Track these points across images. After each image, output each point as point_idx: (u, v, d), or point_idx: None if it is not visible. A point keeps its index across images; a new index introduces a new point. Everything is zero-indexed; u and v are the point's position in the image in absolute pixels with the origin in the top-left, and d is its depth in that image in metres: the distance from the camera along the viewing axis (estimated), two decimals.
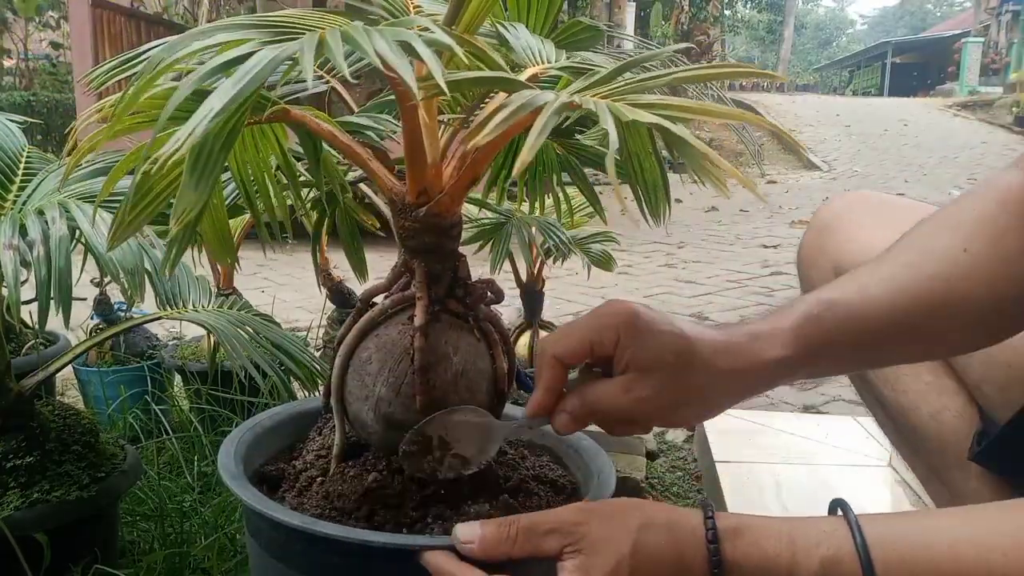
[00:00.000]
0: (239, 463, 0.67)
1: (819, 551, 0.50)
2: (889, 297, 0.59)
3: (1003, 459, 0.72)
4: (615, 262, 1.48)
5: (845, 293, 0.59)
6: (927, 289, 0.59)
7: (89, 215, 0.78)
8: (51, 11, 8.02)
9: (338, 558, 0.59)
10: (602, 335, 0.57)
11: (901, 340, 0.60)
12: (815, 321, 0.57)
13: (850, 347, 0.59)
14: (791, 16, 27.20)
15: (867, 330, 0.58)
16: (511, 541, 0.53)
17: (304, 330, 1.88)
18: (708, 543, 0.51)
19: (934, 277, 0.59)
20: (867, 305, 0.58)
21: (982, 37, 20.35)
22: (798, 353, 0.57)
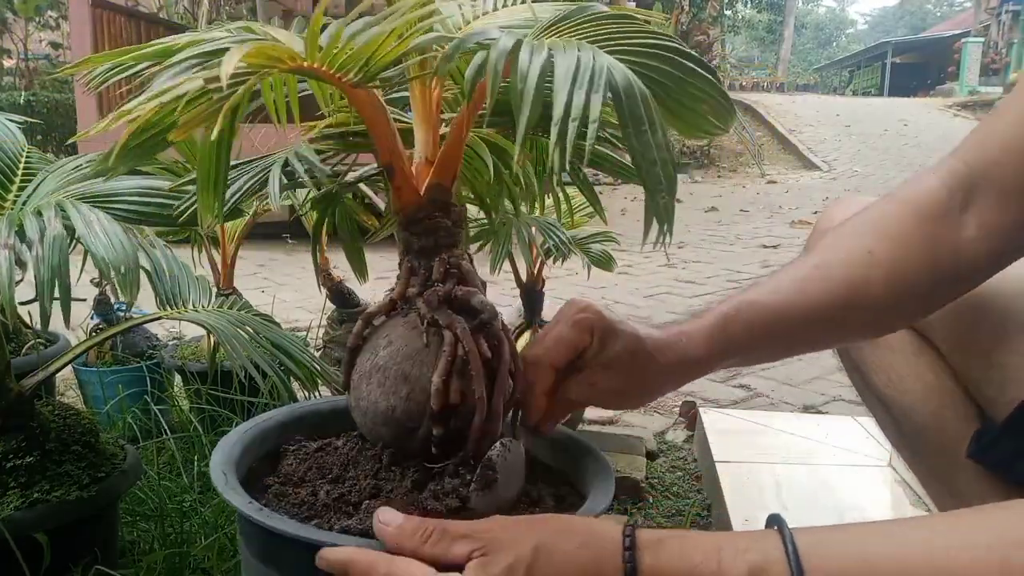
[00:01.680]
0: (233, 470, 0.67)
1: (746, 556, 0.49)
2: (798, 298, 0.67)
3: (1001, 458, 0.72)
4: (615, 262, 1.48)
5: (761, 294, 0.68)
6: (832, 289, 0.67)
7: (84, 215, 0.78)
8: (51, 11, 8.01)
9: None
10: (583, 337, 0.66)
11: (812, 332, 0.70)
12: (732, 322, 0.67)
13: (766, 343, 0.68)
14: (791, 16, 27.19)
15: (780, 329, 0.67)
16: (424, 537, 0.53)
17: (304, 330, 1.88)
18: (624, 550, 0.50)
19: (841, 279, 0.67)
20: (781, 306, 0.67)
21: (982, 37, 20.35)
22: (710, 351, 0.67)
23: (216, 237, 1.47)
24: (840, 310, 0.67)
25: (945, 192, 0.68)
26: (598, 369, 0.67)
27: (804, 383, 2.11)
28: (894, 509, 1.22)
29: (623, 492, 1.34)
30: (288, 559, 0.61)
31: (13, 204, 0.93)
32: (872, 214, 0.71)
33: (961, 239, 0.67)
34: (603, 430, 1.59)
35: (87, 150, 1.08)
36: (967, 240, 0.67)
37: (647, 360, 0.66)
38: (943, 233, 0.67)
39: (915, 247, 0.67)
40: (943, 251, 0.67)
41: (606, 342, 0.66)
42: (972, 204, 0.67)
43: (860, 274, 0.67)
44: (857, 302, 0.67)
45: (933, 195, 0.68)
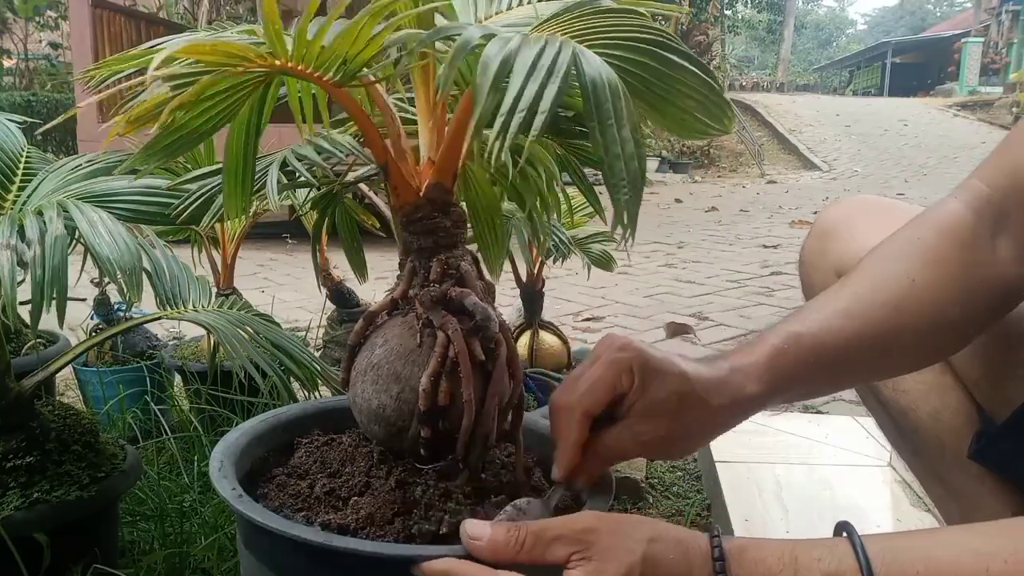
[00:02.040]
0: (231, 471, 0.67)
1: (820, 565, 0.51)
2: (848, 330, 0.64)
3: (1001, 457, 0.72)
4: (615, 262, 1.48)
5: (809, 326, 0.64)
6: (880, 319, 0.64)
7: (88, 215, 0.78)
8: (50, 11, 8.01)
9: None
10: (621, 380, 0.59)
11: (858, 367, 0.67)
12: (784, 356, 0.62)
13: (815, 377, 0.65)
14: (791, 16, 27.18)
15: (829, 361, 0.64)
16: (519, 545, 0.52)
17: (304, 330, 1.88)
18: (714, 560, 0.52)
19: (886, 306, 0.64)
20: (828, 337, 0.64)
21: (982, 37, 20.34)
22: (770, 388, 0.62)
23: (216, 237, 1.47)
24: (885, 341, 0.65)
25: (973, 216, 0.66)
26: (641, 416, 0.60)
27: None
28: (894, 509, 1.22)
29: (623, 492, 1.34)
30: (263, 546, 0.62)
31: (13, 204, 0.93)
32: (905, 239, 0.68)
33: (994, 265, 0.65)
34: None
35: (87, 150, 1.08)
36: (1000, 266, 0.65)
37: (697, 403, 0.60)
38: (978, 259, 0.65)
39: (953, 274, 0.65)
40: (979, 278, 0.65)
41: (648, 385, 0.59)
42: (1001, 230, 0.65)
43: (904, 303, 0.64)
44: (902, 332, 0.64)
45: (962, 220, 0.66)
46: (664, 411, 0.60)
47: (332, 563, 0.57)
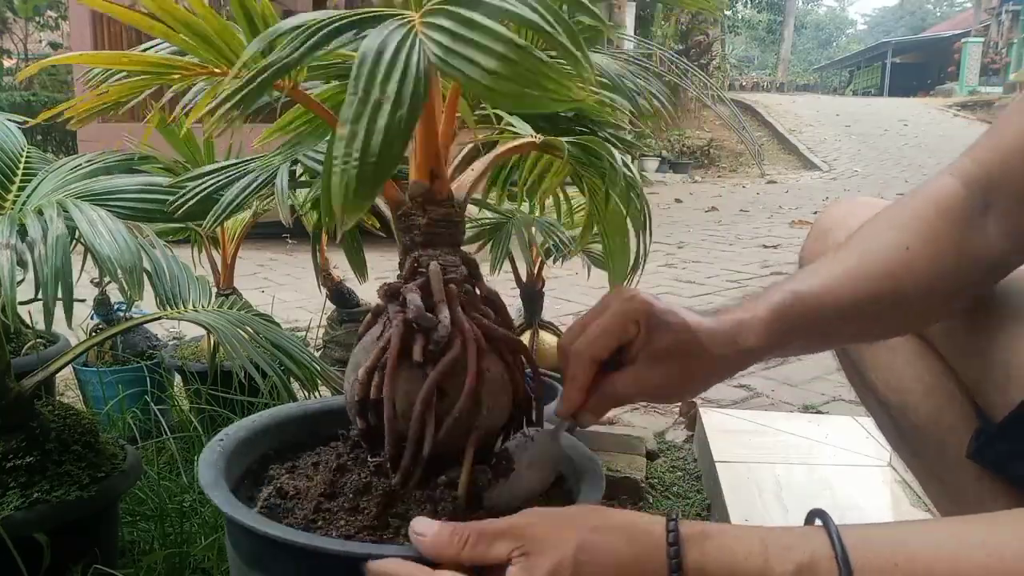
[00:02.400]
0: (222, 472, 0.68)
1: (793, 555, 0.49)
2: (846, 291, 0.66)
3: (999, 457, 0.72)
4: None
5: (811, 287, 0.67)
6: (877, 284, 0.67)
7: (88, 214, 0.78)
8: (50, 11, 8.01)
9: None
10: (628, 329, 0.62)
11: (852, 327, 0.70)
12: (785, 311, 0.65)
13: (811, 334, 0.68)
14: (791, 16, 27.18)
15: (826, 320, 0.66)
16: (462, 542, 0.52)
17: (304, 330, 1.88)
18: (669, 545, 0.50)
19: (883, 272, 0.67)
20: (828, 298, 0.66)
21: (982, 37, 20.34)
22: (769, 342, 0.64)
23: (216, 237, 1.47)
24: (879, 304, 0.67)
25: (965, 192, 0.68)
26: (646, 362, 0.63)
27: (804, 383, 2.11)
28: (894, 509, 1.22)
29: (623, 492, 1.34)
30: (232, 531, 0.66)
31: (13, 204, 0.93)
32: (898, 212, 0.71)
33: (983, 240, 0.67)
34: (603, 430, 1.59)
35: (87, 150, 1.08)
36: (988, 242, 0.67)
37: (699, 352, 0.63)
38: (968, 234, 0.67)
39: (945, 246, 0.67)
40: (969, 252, 0.67)
41: (654, 333, 0.63)
42: (990, 207, 0.67)
43: (898, 269, 0.67)
44: (895, 297, 0.67)
45: (955, 195, 0.68)
46: (667, 358, 0.63)
47: (283, 556, 0.58)
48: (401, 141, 0.44)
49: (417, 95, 0.44)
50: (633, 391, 0.65)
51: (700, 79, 10.32)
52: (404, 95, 0.44)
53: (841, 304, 0.66)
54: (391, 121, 0.43)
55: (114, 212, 0.82)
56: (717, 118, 11.61)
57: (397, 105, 0.43)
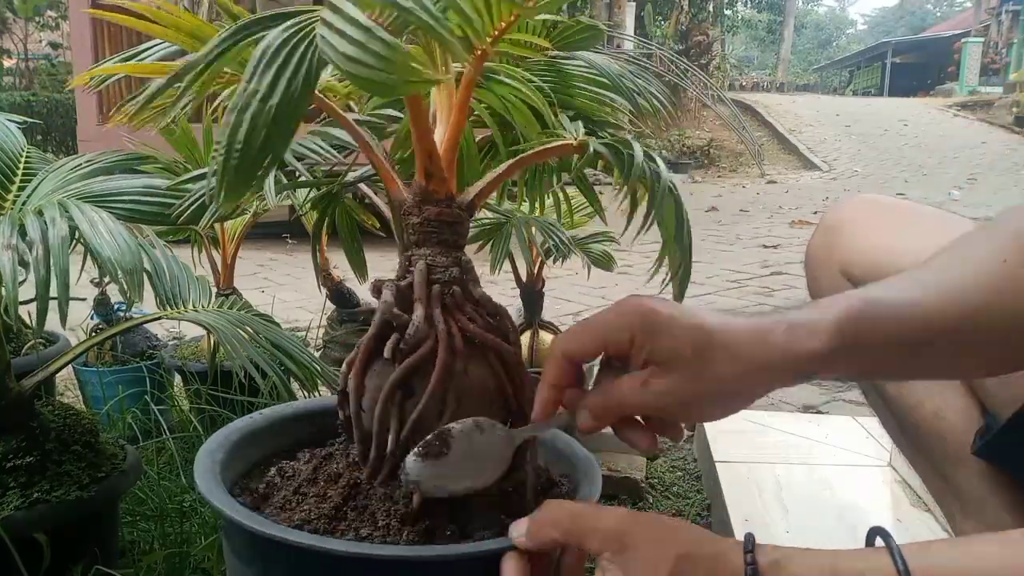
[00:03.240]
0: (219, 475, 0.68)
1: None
2: (931, 300, 0.56)
3: (1005, 455, 0.72)
4: (615, 262, 1.48)
5: (888, 292, 0.57)
6: (967, 296, 0.56)
7: (88, 215, 0.78)
8: (50, 11, 8.02)
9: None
10: (615, 334, 0.55)
11: (938, 346, 0.57)
12: (857, 316, 0.54)
13: (889, 348, 0.56)
14: (791, 16, 27.19)
15: (907, 331, 0.55)
16: (554, 525, 0.54)
17: (304, 330, 1.88)
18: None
19: (974, 285, 0.57)
20: (909, 306, 0.56)
21: (982, 37, 20.34)
22: (837, 348, 0.53)
23: (216, 237, 1.47)
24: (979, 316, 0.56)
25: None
26: (653, 369, 0.55)
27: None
28: (894, 509, 1.22)
29: (623, 492, 1.34)
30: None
31: (13, 204, 0.93)
32: (992, 226, 0.62)
33: None
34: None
35: (87, 150, 1.07)
36: None
37: (726, 357, 0.53)
38: None
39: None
40: None
41: (655, 336, 0.54)
42: None
43: (997, 281, 0.57)
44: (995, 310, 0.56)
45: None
46: (676, 362, 0.54)
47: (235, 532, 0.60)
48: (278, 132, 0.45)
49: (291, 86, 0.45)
50: (641, 398, 0.56)
51: (700, 79, 10.31)
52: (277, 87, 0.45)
53: (924, 314, 0.55)
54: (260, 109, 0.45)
55: (114, 213, 0.82)
56: (717, 118, 11.61)
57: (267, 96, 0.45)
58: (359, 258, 0.90)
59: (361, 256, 0.90)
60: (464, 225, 0.66)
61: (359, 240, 0.90)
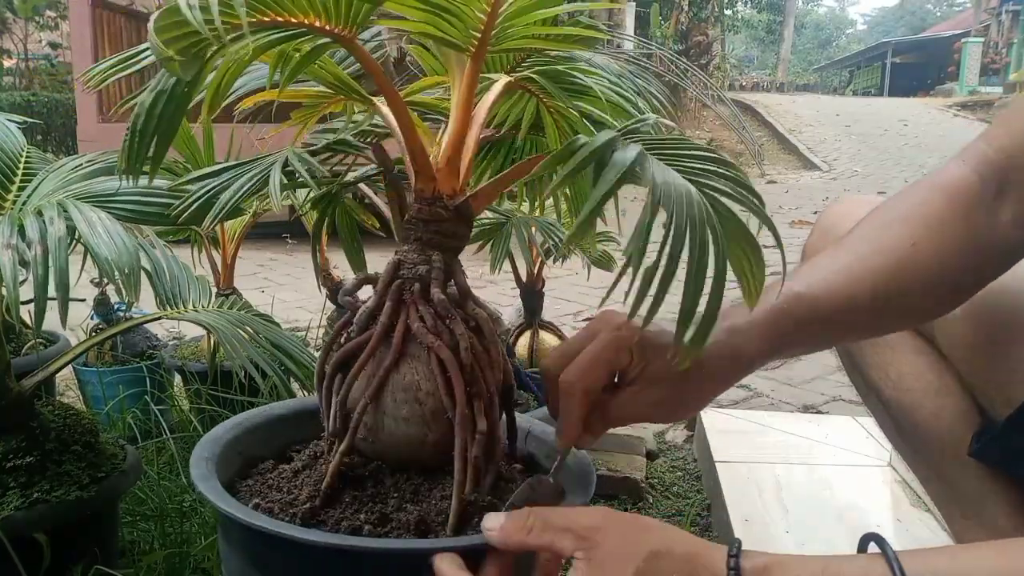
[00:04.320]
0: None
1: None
2: (847, 290, 0.65)
3: (1003, 456, 0.72)
4: (615, 262, 1.48)
5: (810, 286, 0.65)
6: (880, 280, 0.65)
7: (87, 215, 0.78)
8: (50, 11, 8.01)
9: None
10: (620, 358, 0.61)
11: (855, 326, 0.69)
12: (784, 315, 0.63)
13: (814, 335, 0.66)
14: (791, 16, 27.18)
15: (827, 320, 0.65)
16: (528, 530, 0.53)
17: (304, 330, 1.88)
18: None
19: (886, 268, 0.66)
20: (828, 297, 0.64)
21: (982, 37, 20.33)
22: (770, 347, 0.63)
23: (216, 237, 1.47)
24: (883, 301, 0.66)
25: (977, 179, 0.67)
26: (643, 384, 0.62)
27: (804, 383, 2.11)
28: (894, 509, 1.22)
29: (623, 492, 1.34)
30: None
31: (13, 204, 0.93)
32: (908, 202, 0.69)
33: (997, 228, 0.66)
34: None
35: (87, 150, 1.07)
36: (1002, 228, 0.66)
37: (695, 368, 0.59)
38: (980, 222, 0.66)
39: (953, 237, 0.66)
40: (978, 240, 0.66)
41: (648, 359, 0.61)
42: (1005, 192, 0.66)
43: (903, 265, 0.65)
44: (900, 293, 0.66)
45: (966, 183, 0.67)
46: (664, 379, 0.61)
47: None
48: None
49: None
50: (630, 413, 0.63)
51: (700, 79, 10.31)
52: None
53: (842, 304, 0.65)
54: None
55: (114, 213, 0.82)
56: (717, 118, 11.60)
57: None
58: (359, 258, 0.90)
59: (361, 256, 0.90)
60: (446, 225, 0.66)
61: (359, 240, 0.90)
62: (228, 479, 0.70)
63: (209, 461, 0.68)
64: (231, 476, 0.71)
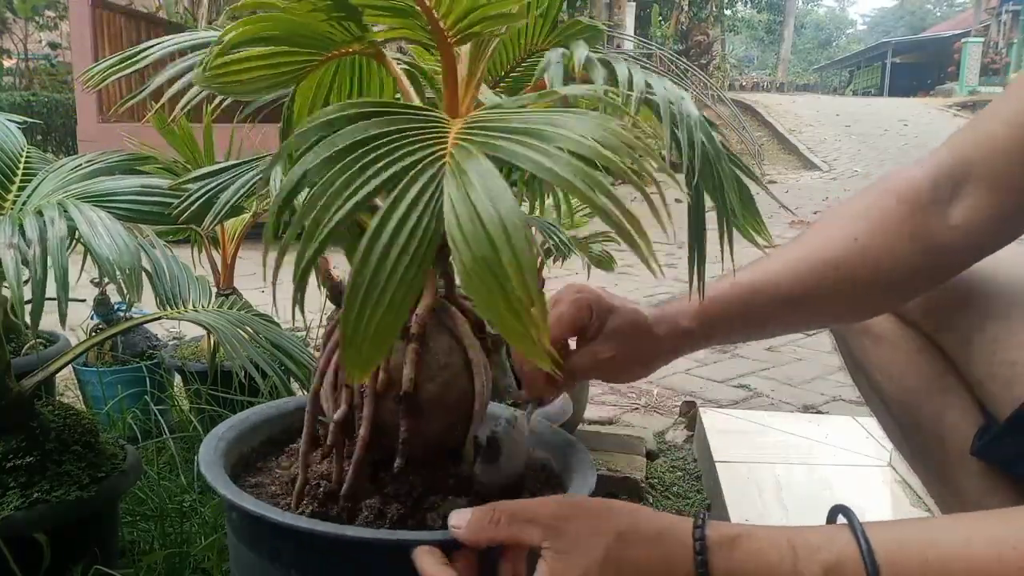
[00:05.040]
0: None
1: (820, 556, 0.49)
2: (786, 281, 0.69)
3: (1004, 455, 0.72)
4: (615, 262, 1.48)
5: (752, 275, 0.71)
6: (818, 273, 0.69)
7: (87, 215, 0.78)
8: (49, 11, 8.02)
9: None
10: (583, 313, 0.70)
11: (790, 315, 0.72)
12: (719, 297, 0.70)
13: (748, 320, 0.71)
14: (791, 16, 27.18)
15: (762, 307, 0.70)
16: (494, 524, 0.53)
17: (304, 330, 1.88)
18: (696, 554, 0.50)
19: (825, 263, 0.69)
20: (766, 286, 0.70)
21: (982, 37, 20.33)
22: (702, 324, 0.70)
23: (216, 237, 1.47)
24: (819, 294, 0.70)
25: (929, 183, 0.69)
26: (600, 342, 0.70)
27: (804, 383, 2.11)
28: (894, 509, 1.22)
29: (623, 492, 1.34)
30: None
31: (13, 204, 0.93)
32: (857, 203, 0.73)
33: (944, 229, 0.68)
34: (603, 430, 1.59)
35: (87, 150, 1.08)
36: (950, 231, 0.68)
37: (646, 332, 0.70)
38: (926, 223, 0.68)
39: (899, 236, 0.68)
40: (926, 241, 0.68)
41: (605, 317, 0.70)
42: (958, 196, 0.68)
43: (844, 259, 0.69)
44: (840, 287, 0.69)
45: (917, 185, 0.69)
46: (618, 337, 0.69)
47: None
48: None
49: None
50: (589, 366, 0.70)
51: (700, 79, 10.30)
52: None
53: (779, 293, 0.69)
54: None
55: (114, 213, 0.82)
56: (717, 118, 11.59)
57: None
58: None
59: None
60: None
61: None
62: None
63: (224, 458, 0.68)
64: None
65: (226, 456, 0.70)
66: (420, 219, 0.44)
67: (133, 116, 3.78)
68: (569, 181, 0.42)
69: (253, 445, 0.76)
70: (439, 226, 0.43)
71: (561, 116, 0.46)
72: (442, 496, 0.62)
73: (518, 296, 0.40)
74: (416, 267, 0.43)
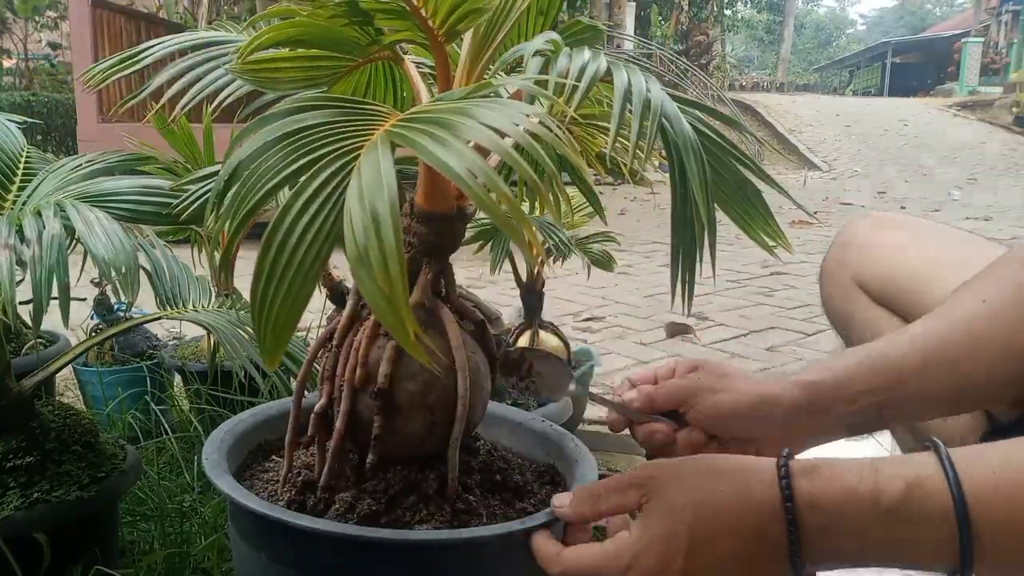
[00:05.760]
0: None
1: (901, 472, 0.50)
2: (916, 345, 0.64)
3: None
4: (615, 262, 1.48)
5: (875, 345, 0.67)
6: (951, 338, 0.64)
7: (84, 214, 0.78)
8: (50, 11, 8.02)
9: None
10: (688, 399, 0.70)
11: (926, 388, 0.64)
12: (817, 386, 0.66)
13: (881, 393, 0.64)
14: (791, 16, 27.18)
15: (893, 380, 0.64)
16: (595, 498, 0.56)
17: (304, 330, 1.88)
18: (780, 479, 0.51)
19: (957, 326, 0.64)
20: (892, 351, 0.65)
21: (982, 37, 20.34)
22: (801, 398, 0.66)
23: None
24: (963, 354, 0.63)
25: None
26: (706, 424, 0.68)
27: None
28: None
29: None
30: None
31: (13, 204, 0.93)
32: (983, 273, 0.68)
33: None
34: (603, 430, 1.59)
35: (87, 150, 1.08)
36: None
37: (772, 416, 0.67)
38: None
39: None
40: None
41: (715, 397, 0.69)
42: None
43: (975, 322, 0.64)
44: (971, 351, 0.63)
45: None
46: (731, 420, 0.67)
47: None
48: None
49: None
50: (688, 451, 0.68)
51: (700, 79, 10.32)
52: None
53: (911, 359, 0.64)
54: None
55: (113, 214, 0.82)
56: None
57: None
58: None
59: None
60: (412, 234, 0.66)
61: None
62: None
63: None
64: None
65: (229, 455, 0.70)
66: (320, 210, 0.44)
67: (133, 116, 3.78)
68: (458, 175, 0.41)
69: (258, 443, 0.76)
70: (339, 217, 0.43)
71: (478, 107, 0.46)
72: (420, 497, 0.62)
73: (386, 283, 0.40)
74: (312, 259, 0.43)
